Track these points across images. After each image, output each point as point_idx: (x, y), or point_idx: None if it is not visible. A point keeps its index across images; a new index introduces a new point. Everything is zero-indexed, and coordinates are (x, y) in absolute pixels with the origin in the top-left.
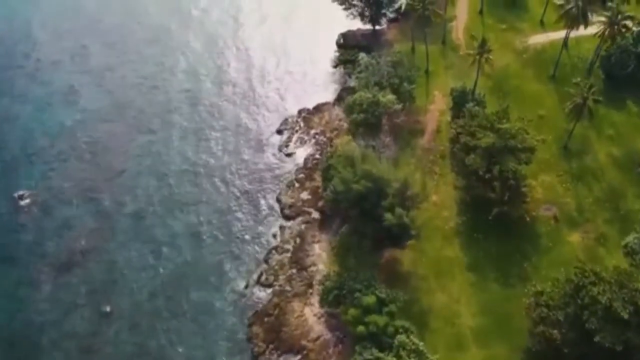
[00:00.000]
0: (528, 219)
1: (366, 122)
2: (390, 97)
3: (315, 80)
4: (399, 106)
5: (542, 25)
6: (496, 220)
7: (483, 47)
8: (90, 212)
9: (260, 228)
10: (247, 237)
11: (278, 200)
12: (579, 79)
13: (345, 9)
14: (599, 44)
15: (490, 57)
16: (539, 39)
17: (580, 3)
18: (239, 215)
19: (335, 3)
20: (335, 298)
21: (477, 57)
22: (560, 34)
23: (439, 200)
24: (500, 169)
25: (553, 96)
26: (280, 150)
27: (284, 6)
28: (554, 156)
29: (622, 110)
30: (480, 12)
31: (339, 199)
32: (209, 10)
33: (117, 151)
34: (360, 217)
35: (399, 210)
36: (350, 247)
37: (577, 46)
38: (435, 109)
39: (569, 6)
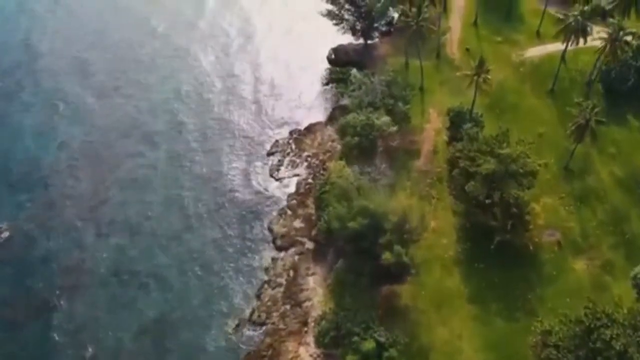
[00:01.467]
0: (531, 247)
1: (360, 145)
2: (385, 119)
3: (306, 99)
4: (394, 128)
5: (539, 37)
6: (498, 248)
7: (481, 67)
8: (72, 246)
9: (251, 260)
10: (237, 270)
11: (269, 230)
12: (581, 99)
13: (336, 23)
14: (598, 57)
15: (489, 77)
16: (535, 51)
17: (580, 18)
18: (229, 247)
19: (326, 17)
20: (332, 339)
21: (475, 77)
22: (558, 45)
23: (438, 227)
24: (501, 194)
25: (552, 112)
26: (271, 174)
27: (270, 22)
28: (555, 177)
29: (623, 126)
30: (475, 23)
31: (334, 235)
32: (199, 27)
33: (101, 177)
34: (357, 254)
35: (397, 248)
36: (346, 283)
37: (575, 59)
38: (431, 128)
39: (569, 20)
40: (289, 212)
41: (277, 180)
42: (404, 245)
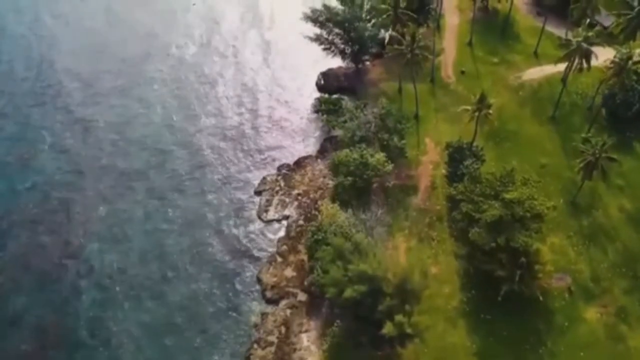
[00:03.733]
0: (541, 298)
1: (354, 185)
2: (380, 156)
3: (294, 130)
4: (389, 167)
5: (537, 57)
6: (505, 296)
7: (482, 103)
8: (44, 302)
9: (239, 315)
10: (224, 327)
11: (258, 280)
12: (589, 135)
13: (325, 48)
14: (601, 83)
15: (490, 112)
16: (534, 73)
17: (584, 45)
18: (214, 300)
19: (315, 42)
20: None
21: (476, 113)
22: (557, 66)
23: (439, 273)
24: (507, 240)
25: (554, 140)
26: (259, 216)
27: (256, 46)
28: (562, 213)
29: (630, 155)
30: (469, 43)
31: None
32: (183, 48)
33: (74, 225)
34: (354, 319)
35: (399, 318)
36: (343, 349)
37: (576, 81)
38: (428, 160)
39: (573, 47)
40: (279, 259)
41: (265, 222)
42: (406, 304)
